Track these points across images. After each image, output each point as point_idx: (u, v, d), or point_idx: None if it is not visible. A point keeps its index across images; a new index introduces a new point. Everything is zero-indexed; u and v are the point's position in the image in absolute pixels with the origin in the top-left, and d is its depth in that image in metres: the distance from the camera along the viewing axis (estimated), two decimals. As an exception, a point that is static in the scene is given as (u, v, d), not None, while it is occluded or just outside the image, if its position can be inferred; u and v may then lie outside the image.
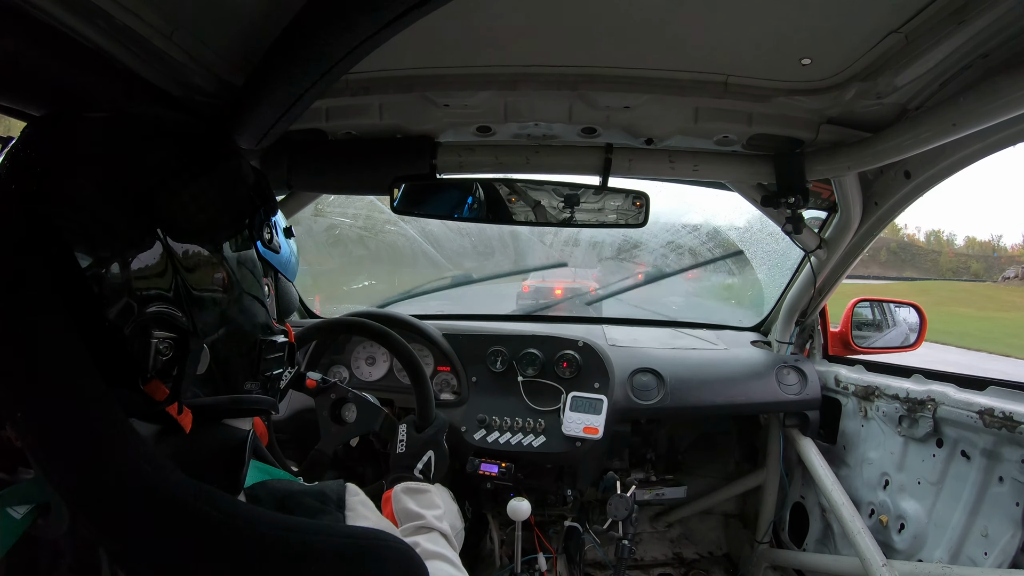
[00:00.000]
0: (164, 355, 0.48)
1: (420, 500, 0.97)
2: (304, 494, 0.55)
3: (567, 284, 4.10)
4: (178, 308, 0.50)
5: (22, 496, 0.47)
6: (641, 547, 2.16)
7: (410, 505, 0.95)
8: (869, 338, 1.85)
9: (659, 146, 1.18)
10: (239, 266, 0.58)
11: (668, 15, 0.76)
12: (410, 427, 1.11)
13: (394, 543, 0.53)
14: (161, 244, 0.50)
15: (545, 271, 4.20)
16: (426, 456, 1.06)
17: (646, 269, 3.02)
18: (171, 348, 0.49)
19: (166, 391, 0.48)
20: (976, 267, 75.30)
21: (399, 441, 1.08)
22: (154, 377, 0.48)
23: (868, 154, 1.01)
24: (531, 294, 4.27)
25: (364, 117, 1.08)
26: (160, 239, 0.50)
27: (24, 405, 0.41)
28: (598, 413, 1.51)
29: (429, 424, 1.13)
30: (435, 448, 1.09)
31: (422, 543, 0.82)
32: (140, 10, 0.65)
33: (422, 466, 1.05)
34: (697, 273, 2.83)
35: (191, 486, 0.44)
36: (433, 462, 1.07)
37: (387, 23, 0.54)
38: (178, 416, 0.50)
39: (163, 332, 0.48)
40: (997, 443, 1.14)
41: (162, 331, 0.48)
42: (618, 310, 2.84)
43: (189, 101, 0.86)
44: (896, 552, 1.36)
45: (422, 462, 1.05)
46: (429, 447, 1.08)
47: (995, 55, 0.77)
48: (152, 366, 0.47)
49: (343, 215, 2.54)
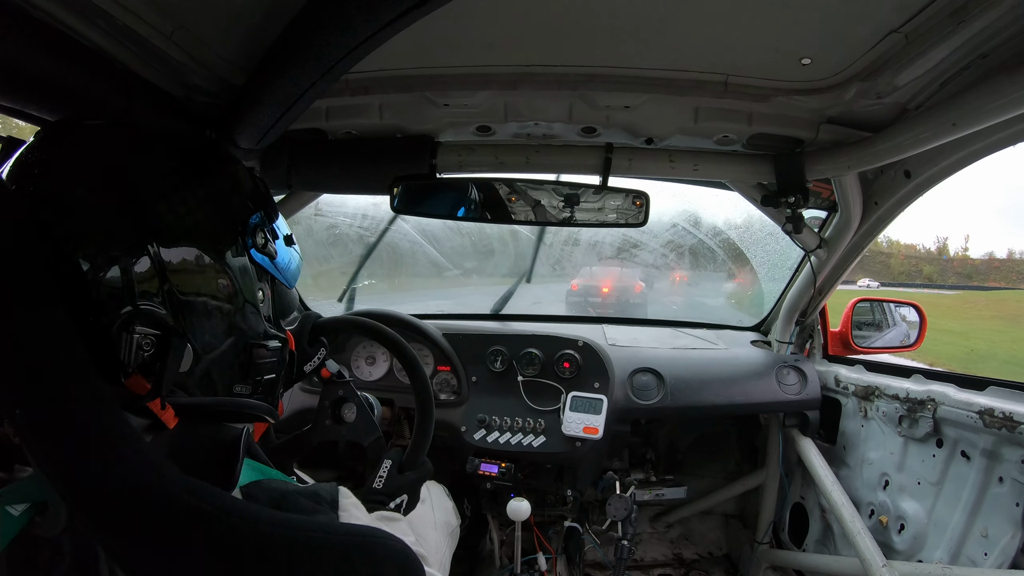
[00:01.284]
0: (146, 351, 0.49)
1: (393, 528, 0.95)
2: (298, 494, 0.56)
3: (614, 283, 4.16)
4: (163, 307, 0.51)
5: (20, 494, 0.47)
6: (641, 547, 2.16)
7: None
8: (869, 338, 1.85)
9: (659, 146, 1.18)
10: (229, 271, 0.59)
11: (668, 15, 0.76)
12: (393, 465, 1.06)
13: (391, 541, 0.53)
14: (151, 248, 0.51)
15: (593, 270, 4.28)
16: (399, 499, 1.02)
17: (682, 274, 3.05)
18: (153, 344, 0.50)
19: (147, 386, 0.49)
20: (928, 270, 74.90)
21: (378, 476, 1.03)
22: (135, 372, 0.49)
23: (868, 154, 1.01)
24: (580, 292, 4.34)
25: (364, 117, 1.08)
26: (150, 243, 0.51)
27: (24, 403, 0.41)
28: (598, 413, 1.51)
29: (414, 468, 1.08)
30: (410, 493, 1.05)
31: None
32: (140, 10, 0.65)
33: (394, 505, 1.01)
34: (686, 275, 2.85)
35: (188, 483, 0.44)
36: (404, 505, 1.03)
37: (387, 23, 0.54)
38: (161, 413, 0.50)
39: (145, 328, 0.49)
40: (997, 443, 1.14)
41: (145, 327, 0.49)
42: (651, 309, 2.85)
43: (189, 101, 0.87)
44: (896, 553, 1.36)
45: (394, 503, 1.01)
46: (404, 491, 1.04)
47: (995, 55, 0.77)
48: (132, 360, 0.48)
49: (344, 214, 2.53)
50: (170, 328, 0.51)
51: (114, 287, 0.49)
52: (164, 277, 0.52)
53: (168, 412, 0.51)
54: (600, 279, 4.51)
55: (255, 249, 0.61)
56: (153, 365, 0.50)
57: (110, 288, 0.49)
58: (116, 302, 0.49)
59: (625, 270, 4.30)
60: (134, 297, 0.49)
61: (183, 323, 0.53)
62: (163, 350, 0.50)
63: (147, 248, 0.51)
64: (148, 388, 0.49)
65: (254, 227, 0.61)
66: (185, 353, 0.53)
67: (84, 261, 0.48)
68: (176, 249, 0.53)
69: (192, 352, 0.54)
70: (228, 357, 0.59)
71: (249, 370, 0.61)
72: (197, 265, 0.55)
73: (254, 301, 0.62)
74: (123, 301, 0.49)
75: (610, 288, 4.25)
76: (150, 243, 0.51)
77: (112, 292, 0.49)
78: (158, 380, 0.50)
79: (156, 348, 0.50)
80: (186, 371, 0.53)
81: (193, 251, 0.55)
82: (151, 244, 0.51)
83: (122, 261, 0.49)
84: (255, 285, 0.63)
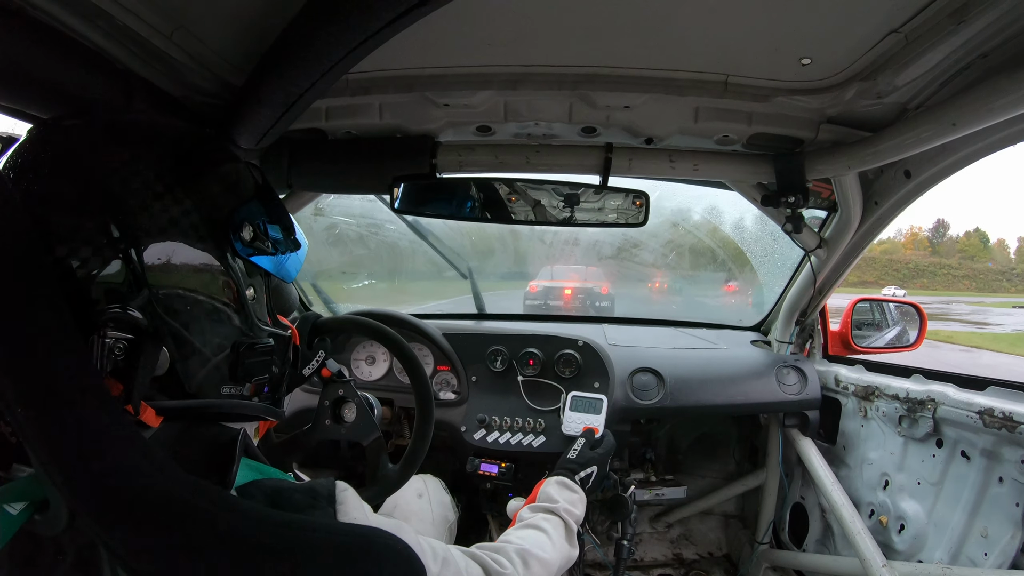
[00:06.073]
0: (117, 355, 0.48)
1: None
2: (294, 491, 0.55)
3: (578, 284, 4.00)
4: (140, 310, 0.50)
5: (19, 493, 0.47)
6: (641, 547, 2.16)
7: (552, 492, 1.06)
8: (869, 338, 1.84)
9: (659, 145, 1.18)
10: (213, 269, 0.57)
11: (668, 15, 0.76)
12: (586, 443, 1.25)
13: (391, 540, 0.53)
14: (128, 249, 0.50)
15: (554, 269, 4.12)
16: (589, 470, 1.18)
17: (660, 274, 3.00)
18: (125, 349, 0.49)
19: (120, 387, 0.49)
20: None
21: (572, 449, 1.23)
22: (108, 376, 0.48)
23: (868, 154, 1.01)
24: (539, 295, 4.14)
25: (364, 117, 1.08)
26: (127, 244, 0.50)
27: (25, 401, 0.41)
28: (598, 413, 1.51)
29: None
30: (600, 467, 1.20)
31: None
32: (140, 10, 0.65)
33: (583, 475, 1.15)
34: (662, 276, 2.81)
35: (189, 482, 0.44)
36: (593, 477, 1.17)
37: (387, 23, 0.54)
38: (140, 416, 0.50)
39: (117, 333, 0.48)
40: (997, 443, 1.14)
41: (117, 331, 0.48)
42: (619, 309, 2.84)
43: (189, 101, 0.87)
44: (896, 553, 1.36)
45: (584, 472, 1.16)
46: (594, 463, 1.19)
47: (995, 55, 0.77)
48: (104, 365, 0.47)
49: (347, 215, 2.54)
50: (144, 332, 0.50)
51: (87, 290, 0.48)
52: (142, 278, 0.50)
53: (148, 412, 0.51)
54: (562, 280, 4.28)
55: (241, 244, 0.59)
56: (126, 369, 0.49)
57: (88, 287, 0.48)
58: (91, 303, 0.48)
59: (590, 269, 4.11)
60: (107, 300, 0.49)
61: (162, 325, 0.52)
62: (136, 354, 0.49)
63: (123, 249, 0.49)
64: (120, 389, 0.49)
65: (240, 221, 0.59)
66: (160, 357, 0.51)
67: (64, 257, 0.47)
68: (154, 248, 0.51)
69: (167, 355, 0.52)
70: (213, 358, 0.57)
71: (238, 371, 0.60)
72: (177, 265, 0.54)
73: (242, 299, 0.60)
74: (97, 304, 0.48)
75: (573, 291, 4.06)
76: (127, 244, 0.50)
77: (84, 295, 0.48)
78: (129, 385, 0.49)
79: (128, 352, 0.49)
80: (163, 374, 0.52)
81: (173, 250, 0.53)
82: (128, 245, 0.50)
83: (94, 264, 0.48)
84: (243, 283, 0.60)
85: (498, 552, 0.75)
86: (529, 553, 0.79)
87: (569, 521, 0.98)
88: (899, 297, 1.96)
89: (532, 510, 1.00)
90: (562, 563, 0.88)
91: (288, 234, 0.67)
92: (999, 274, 75.28)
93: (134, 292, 0.50)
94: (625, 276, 3.80)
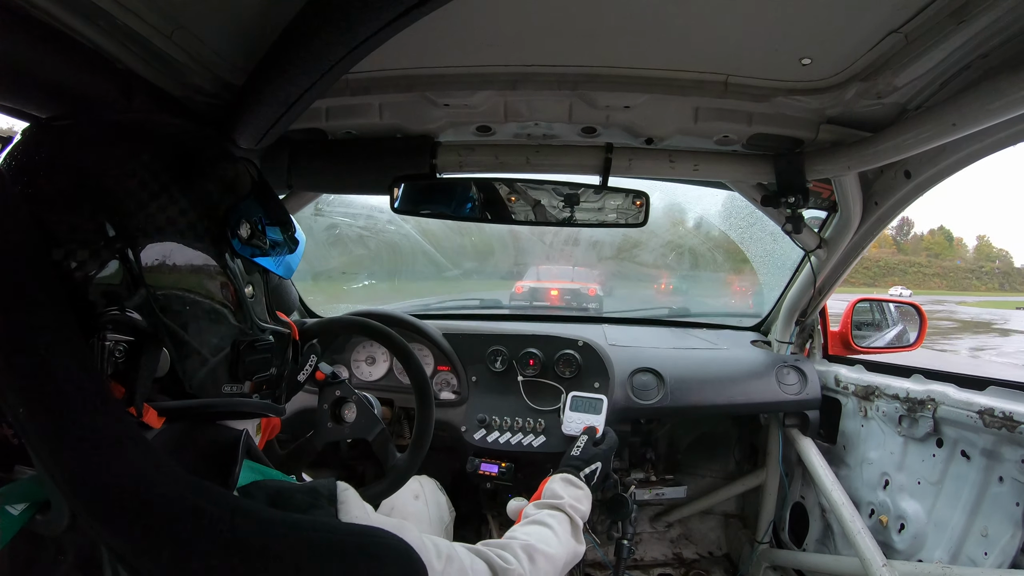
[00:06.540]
0: (118, 357, 0.48)
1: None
2: (296, 491, 0.55)
3: (565, 285, 3.95)
4: (139, 311, 0.50)
5: (21, 494, 0.47)
6: (641, 547, 2.16)
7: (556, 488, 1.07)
8: (869, 338, 1.85)
9: (659, 146, 1.18)
10: (211, 268, 0.56)
11: (668, 15, 0.76)
12: (589, 439, 1.28)
13: (393, 540, 0.53)
14: (125, 250, 0.49)
15: (540, 270, 4.08)
16: (593, 466, 1.19)
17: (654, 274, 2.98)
18: (125, 351, 0.48)
19: (122, 390, 0.48)
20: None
21: (576, 447, 1.25)
22: (110, 378, 0.48)
23: (868, 154, 1.01)
24: (525, 295, 4.08)
25: (364, 117, 1.08)
26: (124, 245, 0.49)
27: (28, 402, 0.41)
28: (598, 413, 1.51)
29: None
30: (604, 463, 1.22)
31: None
32: (140, 10, 0.65)
33: (588, 471, 1.17)
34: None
35: (191, 483, 0.44)
36: (597, 473, 1.19)
37: (387, 23, 0.54)
38: (142, 418, 0.49)
39: (117, 335, 0.48)
40: (997, 443, 1.14)
41: (116, 334, 0.48)
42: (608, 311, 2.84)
43: (189, 101, 0.87)
44: (896, 552, 1.36)
45: (589, 468, 1.18)
46: (598, 459, 1.22)
47: (995, 55, 0.77)
48: (104, 368, 0.47)
49: (346, 215, 2.54)
50: (144, 333, 0.49)
51: (84, 292, 0.48)
52: (140, 279, 0.50)
53: (151, 414, 0.50)
54: (548, 280, 4.20)
55: (239, 242, 0.58)
56: (127, 372, 0.49)
57: (85, 289, 0.48)
58: (89, 305, 0.48)
59: (578, 270, 4.04)
60: (105, 302, 0.48)
61: (161, 326, 0.51)
62: (136, 356, 0.49)
63: (120, 249, 0.49)
64: (123, 392, 0.48)
65: (238, 219, 0.58)
66: (161, 358, 0.51)
67: (62, 259, 0.47)
68: (151, 249, 0.51)
69: (168, 356, 0.52)
70: (213, 357, 0.57)
71: (238, 369, 0.59)
72: (175, 265, 0.53)
73: (241, 298, 0.60)
74: (96, 306, 0.48)
75: (559, 292, 3.99)
76: (123, 244, 0.49)
77: (82, 297, 0.47)
78: (131, 388, 0.49)
79: (129, 354, 0.49)
80: (164, 375, 0.52)
81: (170, 249, 0.52)
82: (124, 245, 0.49)
83: (91, 265, 0.48)
84: (241, 281, 0.60)
85: (504, 548, 0.75)
86: (535, 549, 0.79)
87: (575, 517, 0.98)
88: (902, 297, 1.96)
89: (537, 507, 1.01)
90: (568, 559, 0.88)
91: (286, 231, 0.66)
92: (968, 272, 74.74)
93: (131, 293, 0.50)
94: (616, 276, 3.77)
